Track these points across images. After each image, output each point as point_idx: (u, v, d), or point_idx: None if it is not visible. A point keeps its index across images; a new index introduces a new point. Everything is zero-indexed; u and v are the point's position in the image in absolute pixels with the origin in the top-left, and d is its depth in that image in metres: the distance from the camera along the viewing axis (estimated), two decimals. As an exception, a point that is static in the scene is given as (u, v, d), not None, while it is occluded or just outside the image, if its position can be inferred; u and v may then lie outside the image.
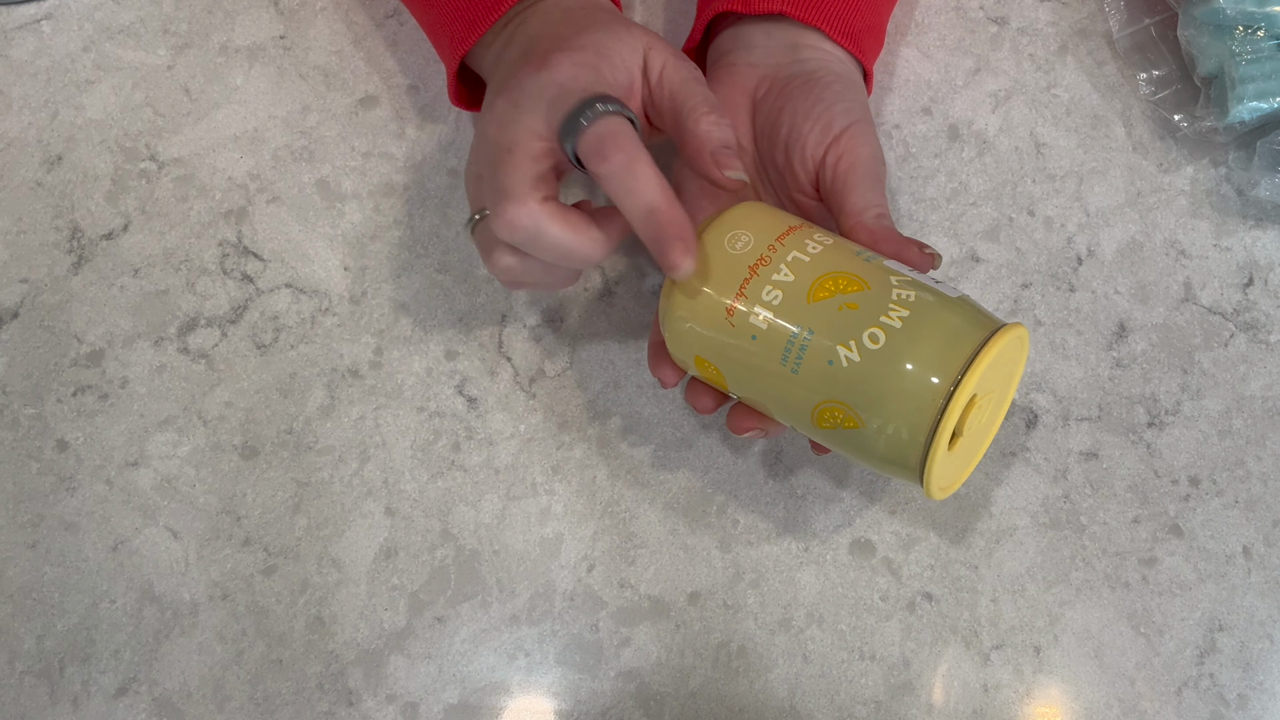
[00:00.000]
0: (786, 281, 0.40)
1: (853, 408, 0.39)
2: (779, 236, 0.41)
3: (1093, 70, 0.59)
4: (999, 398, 0.43)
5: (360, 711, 0.49)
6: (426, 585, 0.50)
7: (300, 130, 0.56)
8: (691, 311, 0.42)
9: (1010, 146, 0.57)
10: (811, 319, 0.39)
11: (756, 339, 0.40)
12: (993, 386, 0.41)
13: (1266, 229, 0.56)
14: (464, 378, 0.53)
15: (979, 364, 0.37)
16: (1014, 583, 0.51)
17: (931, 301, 0.39)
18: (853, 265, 0.40)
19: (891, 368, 0.38)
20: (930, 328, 0.38)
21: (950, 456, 0.41)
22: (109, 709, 0.49)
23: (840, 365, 0.38)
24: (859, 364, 0.38)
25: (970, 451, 0.44)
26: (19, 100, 0.56)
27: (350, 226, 0.55)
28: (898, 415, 0.38)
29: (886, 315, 0.38)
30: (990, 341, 0.38)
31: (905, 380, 0.38)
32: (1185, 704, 0.49)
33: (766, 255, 0.41)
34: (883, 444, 0.39)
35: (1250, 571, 0.51)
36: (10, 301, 0.54)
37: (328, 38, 0.58)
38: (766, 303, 0.40)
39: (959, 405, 0.37)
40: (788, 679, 0.49)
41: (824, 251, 0.41)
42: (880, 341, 0.38)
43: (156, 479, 0.51)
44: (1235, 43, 0.54)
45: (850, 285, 0.39)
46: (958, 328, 0.38)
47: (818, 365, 0.39)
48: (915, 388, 0.38)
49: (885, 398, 0.38)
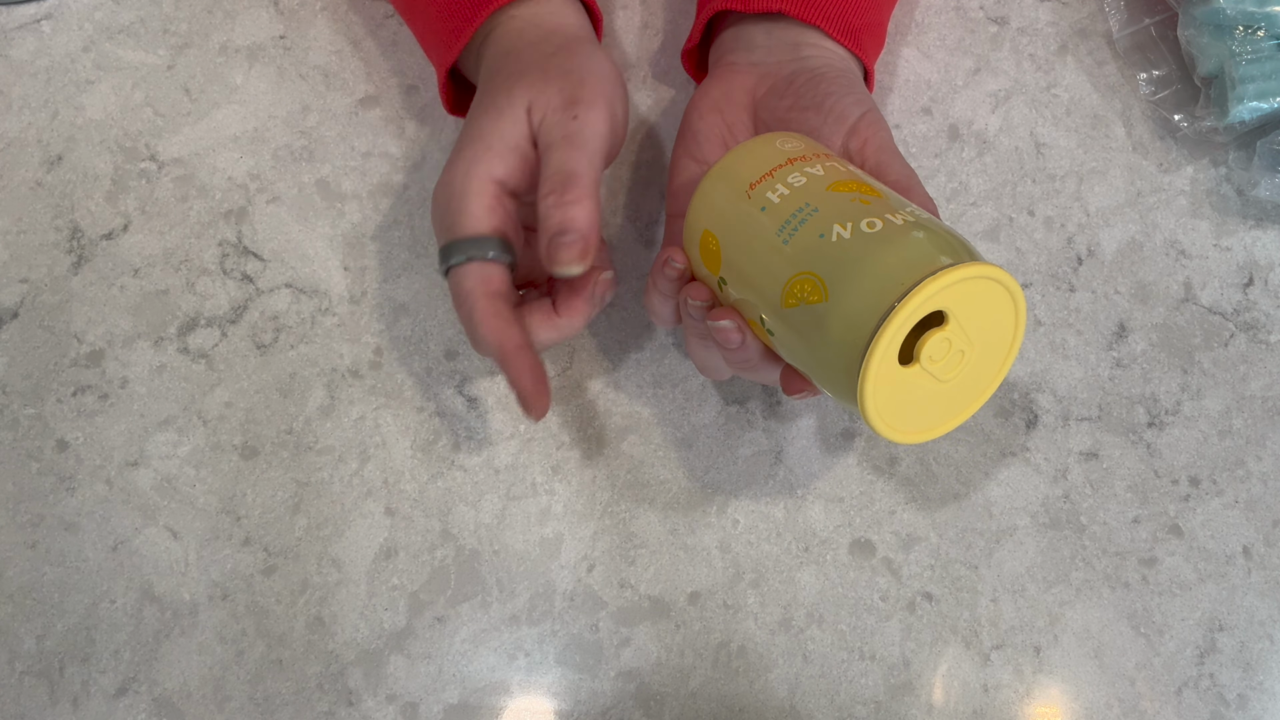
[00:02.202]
0: (814, 174, 0.42)
1: (823, 279, 0.39)
2: (823, 154, 0.44)
3: (1093, 70, 0.59)
4: (988, 351, 0.42)
5: (360, 711, 0.49)
6: (426, 585, 0.50)
7: (300, 130, 0.56)
8: (720, 183, 0.43)
9: (1010, 146, 0.57)
10: (822, 200, 0.41)
11: (766, 210, 0.41)
12: (975, 325, 0.40)
13: (1266, 229, 0.56)
14: (464, 378, 0.53)
15: (952, 273, 0.37)
16: (1014, 583, 0.51)
17: (939, 225, 0.40)
18: (874, 184, 0.42)
19: (875, 250, 0.38)
20: (925, 233, 0.39)
21: (909, 389, 0.40)
22: (109, 709, 0.49)
23: (830, 240, 0.39)
24: (848, 241, 0.39)
25: (950, 401, 0.42)
26: (19, 100, 0.56)
27: (350, 226, 0.55)
28: (860, 293, 0.38)
29: (891, 214, 0.39)
30: (974, 265, 0.38)
31: (881, 264, 0.38)
32: (1185, 704, 0.49)
33: (807, 156, 0.43)
34: (837, 323, 0.39)
35: (1250, 571, 0.51)
36: (10, 301, 0.54)
37: (328, 38, 0.58)
38: (789, 183, 0.42)
39: (914, 304, 0.37)
40: (788, 679, 0.49)
41: (850, 169, 0.43)
42: (876, 228, 0.39)
43: (156, 479, 0.51)
44: (1235, 43, 0.54)
45: (868, 192, 0.41)
46: (950, 244, 0.39)
47: (809, 238, 0.40)
48: (886, 272, 0.38)
49: (857, 274, 0.38)
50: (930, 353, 0.39)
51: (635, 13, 0.59)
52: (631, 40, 0.58)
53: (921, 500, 0.52)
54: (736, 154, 0.44)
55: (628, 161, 0.56)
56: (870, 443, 0.52)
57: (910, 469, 0.52)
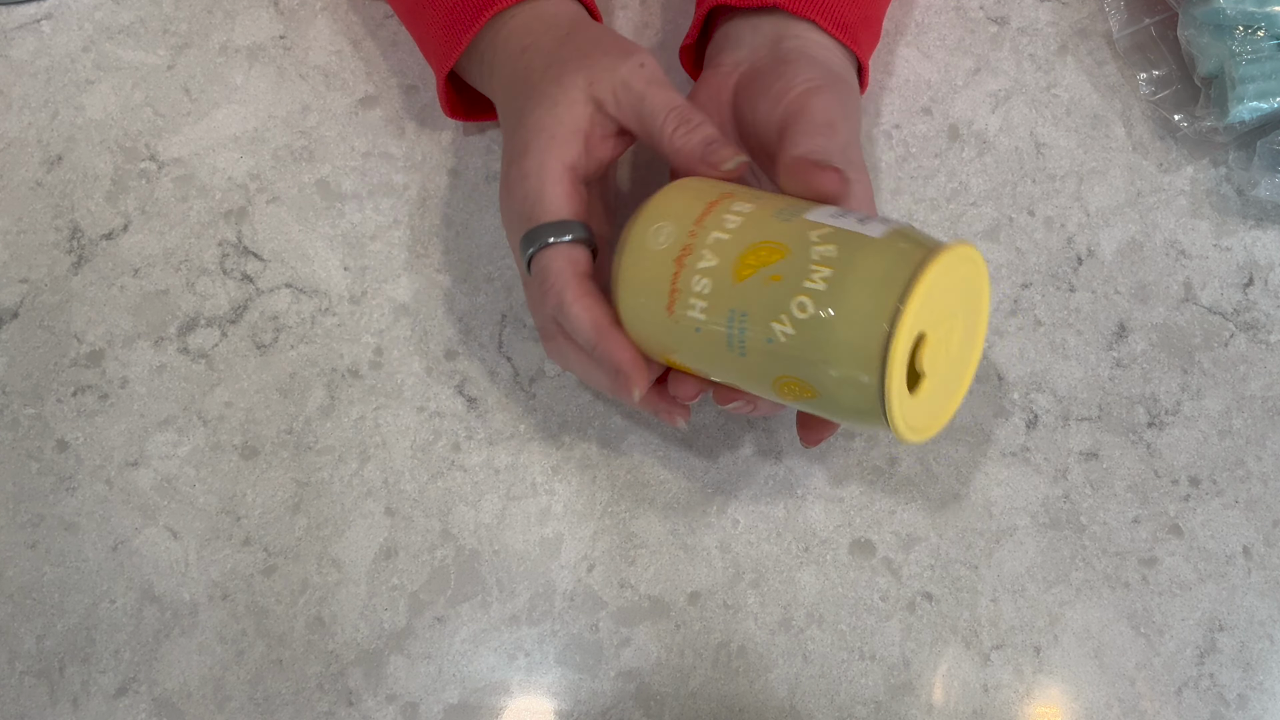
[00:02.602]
0: (711, 267, 0.40)
1: (803, 379, 0.38)
2: (698, 219, 0.41)
3: (1093, 70, 0.59)
4: (965, 325, 0.42)
5: (360, 711, 0.49)
6: (426, 585, 0.50)
7: (300, 130, 0.56)
8: (638, 318, 0.42)
9: (1010, 146, 0.57)
10: (742, 300, 0.39)
11: (700, 331, 0.40)
12: (947, 315, 0.40)
13: (1266, 229, 0.56)
14: (464, 378, 0.53)
15: (911, 301, 0.36)
16: (1014, 583, 0.51)
17: (853, 252, 0.38)
18: (772, 231, 0.40)
19: (824, 334, 0.37)
20: (854, 280, 0.37)
21: (922, 397, 0.40)
22: (109, 709, 0.49)
23: (779, 341, 0.38)
24: (795, 337, 0.38)
25: (949, 386, 0.42)
26: (19, 100, 0.56)
27: (350, 226, 0.55)
28: (845, 378, 0.37)
29: (809, 280, 0.38)
30: (919, 276, 0.37)
31: (840, 343, 0.37)
32: (1185, 704, 0.49)
33: (689, 244, 0.41)
34: (843, 406, 0.39)
35: (1250, 571, 0.51)
36: (10, 301, 0.54)
37: (328, 38, 0.58)
38: (699, 294, 0.40)
39: (900, 347, 0.36)
40: (788, 679, 0.49)
41: (743, 223, 0.40)
42: (808, 310, 0.37)
43: (156, 479, 0.51)
44: (1235, 43, 0.54)
45: (772, 255, 0.39)
46: (884, 271, 0.37)
47: (759, 345, 0.39)
48: (852, 344, 0.37)
49: (827, 363, 0.38)
50: (928, 363, 0.39)
51: (635, 12, 0.59)
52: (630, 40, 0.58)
53: (921, 500, 0.52)
54: (628, 270, 0.42)
55: (627, 162, 0.56)
56: (870, 443, 0.53)
57: (910, 469, 0.52)
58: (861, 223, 0.39)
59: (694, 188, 0.43)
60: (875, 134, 0.57)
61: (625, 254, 0.42)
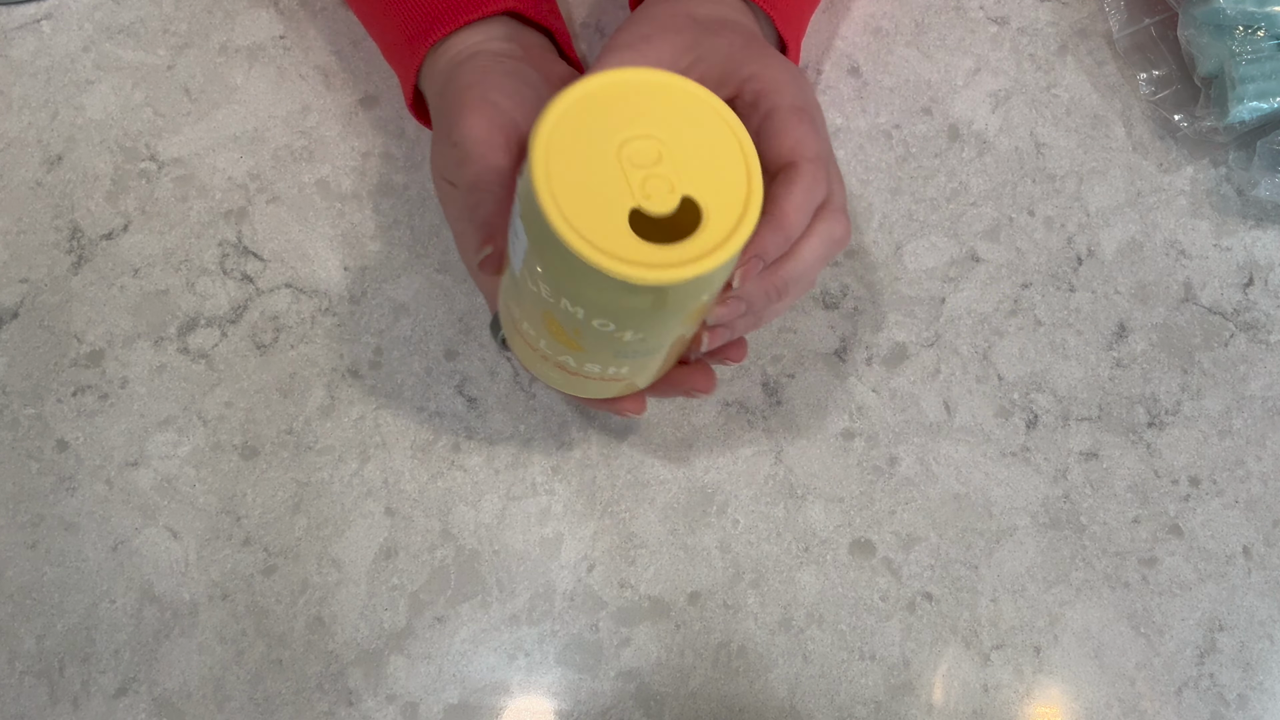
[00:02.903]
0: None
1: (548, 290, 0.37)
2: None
3: (1093, 70, 0.59)
4: (705, 183, 0.35)
5: (360, 711, 0.49)
6: (426, 585, 0.50)
7: (300, 130, 0.56)
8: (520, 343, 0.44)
9: (1010, 146, 0.57)
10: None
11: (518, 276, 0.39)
12: (681, 153, 0.35)
13: (1266, 229, 0.56)
14: (464, 378, 0.53)
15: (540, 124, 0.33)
16: (1014, 583, 0.51)
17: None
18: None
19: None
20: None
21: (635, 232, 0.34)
22: (109, 709, 0.49)
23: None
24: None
25: (718, 222, 0.35)
26: (19, 100, 0.56)
27: (350, 226, 0.55)
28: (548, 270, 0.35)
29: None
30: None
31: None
32: (1185, 704, 0.49)
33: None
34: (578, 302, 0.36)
35: (1250, 571, 0.51)
36: (10, 301, 0.54)
37: (328, 38, 0.58)
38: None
39: (538, 169, 0.33)
40: (788, 679, 0.49)
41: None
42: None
43: (156, 479, 0.51)
44: (1235, 43, 0.54)
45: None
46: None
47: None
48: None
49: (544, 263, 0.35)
50: (632, 158, 0.35)
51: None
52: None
53: (921, 500, 0.52)
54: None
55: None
56: (870, 443, 0.53)
57: (910, 469, 0.52)
58: None
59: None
60: (875, 134, 0.57)
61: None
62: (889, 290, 0.55)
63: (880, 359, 0.54)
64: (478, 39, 0.48)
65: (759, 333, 0.54)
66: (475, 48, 0.48)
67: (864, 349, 0.54)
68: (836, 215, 0.43)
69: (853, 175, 0.56)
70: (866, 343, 0.54)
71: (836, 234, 0.43)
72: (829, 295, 0.55)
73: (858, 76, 0.58)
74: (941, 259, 0.55)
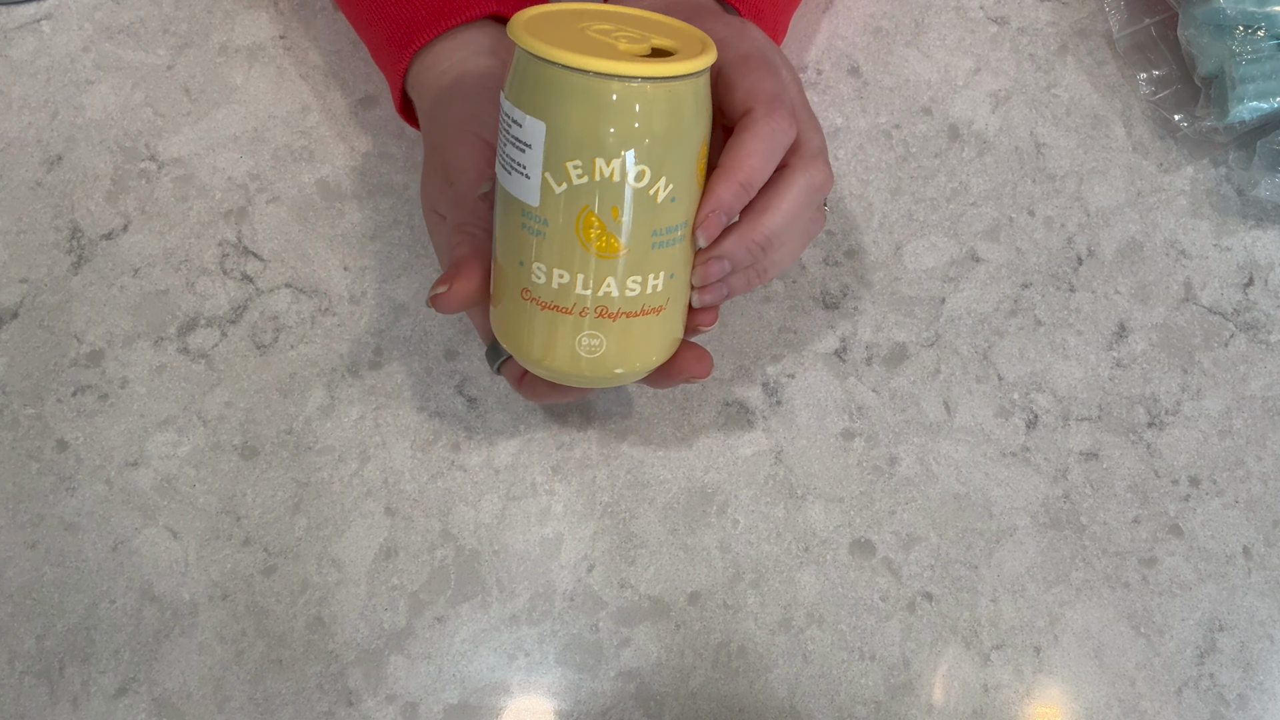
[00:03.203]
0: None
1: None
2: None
3: (1093, 70, 0.59)
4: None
5: (360, 711, 0.49)
6: (426, 585, 0.50)
7: (300, 130, 0.56)
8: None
9: (1010, 146, 0.57)
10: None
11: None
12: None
13: (1266, 229, 0.56)
14: (464, 378, 0.53)
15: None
16: (1014, 583, 0.51)
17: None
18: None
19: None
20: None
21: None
22: (109, 709, 0.49)
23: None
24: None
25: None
26: (19, 100, 0.56)
27: (350, 226, 0.55)
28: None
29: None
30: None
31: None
32: (1185, 704, 0.49)
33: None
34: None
35: (1250, 571, 0.51)
36: (10, 301, 0.54)
37: (328, 38, 0.58)
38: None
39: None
40: (788, 679, 0.49)
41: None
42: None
43: (156, 479, 0.51)
44: (1235, 43, 0.54)
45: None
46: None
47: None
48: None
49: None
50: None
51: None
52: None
53: (921, 500, 0.52)
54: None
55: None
56: (870, 443, 0.53)
57: (910, 469, 0.52)
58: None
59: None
60: (875, 134, 0.57)
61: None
62: (889, 290, 0.55)
63: (880, 359, 0.54)
64: (462, 54, 0.48)
65: (759, 333, 0.54)
66: (460, 65, 0.48)
67: (864, 349, 0.54)
68: (814, 161, 0.42)
69: (853, 175, 0.56)
70: (866, 343, 0.54)
71: (816, 180, 0.42)
72: (829, 295, 0.55)
73: (858, 76, 0.58)
74: (941, 259, 0.55)
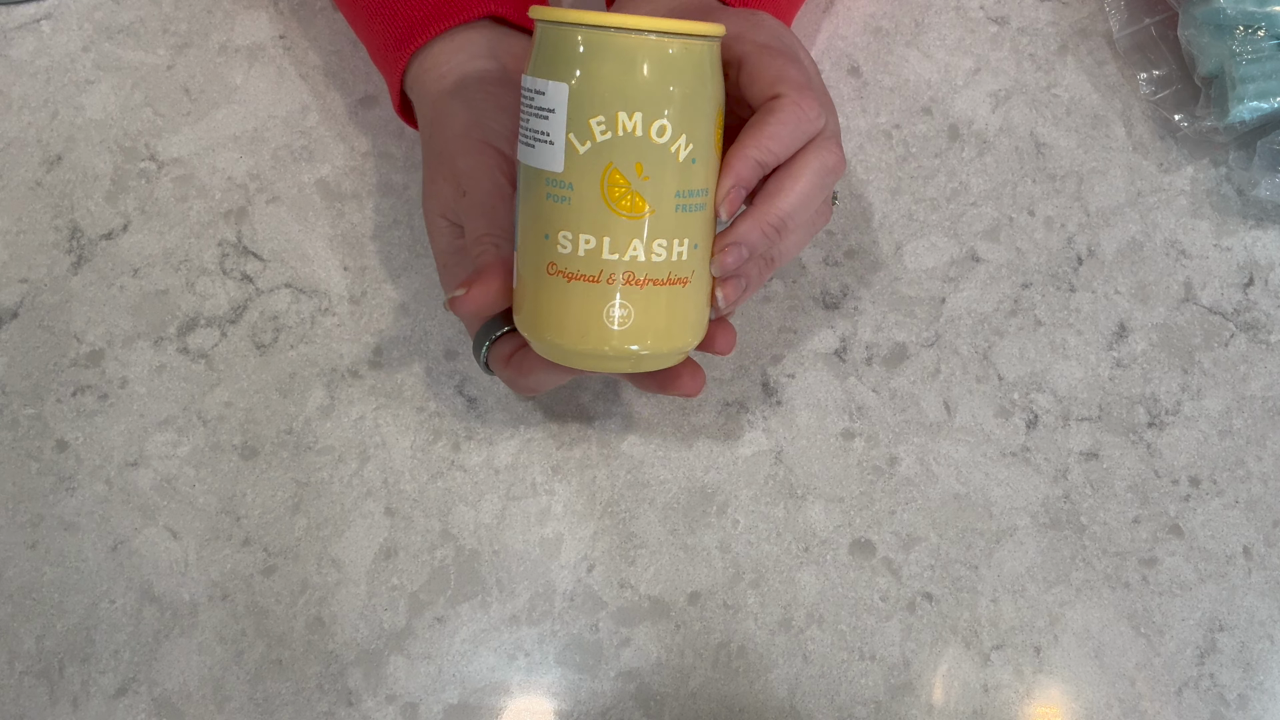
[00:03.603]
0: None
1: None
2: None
3: (1093, 70, 0.59)
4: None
5: (360, 711, 0.49)
6: (426, 585, 0.50)
7: (300, 130, 0.56)
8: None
9: (1010, 146, 0.57)
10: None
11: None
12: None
13: (1267, 229, 0.56)
14: (464, 378, 0.53)
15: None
16: (1014, 583, 0.51)
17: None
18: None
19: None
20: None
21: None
22: (109, 709, 0.49)
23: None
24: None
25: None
26: (19, 100, 0.56)
27: (350, 226, 0.55)
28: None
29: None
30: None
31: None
32: (1185, 704, 0.49)
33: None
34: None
35: (1250, 571, 0.51)
36: (10, 301, 0.54)
37: (328, 38, 0.58)
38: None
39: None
40: (788, 679, 0.49)
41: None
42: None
43: (156, 479, 0.51)
44: (1235, 42, 0.54)
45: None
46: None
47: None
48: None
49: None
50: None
51: (635, 13, 0.59)
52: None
53: (921, 500, 0.52)
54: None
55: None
56: (870, 443, 0.53)
57: (910, 469, 0.52)
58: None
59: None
60: (875, 134, 0.57)
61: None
62: (889, 290, 0.55)
63: (880, 359, 0.54)
64: (460, 56, 0.48)
65: (759, 333, 0.54)
66: (460, 68, 0.48)
67: (864, 349, 0.54)
68: (828, 144, 0.42)
69: (853, 175, 0.56)
70: (866, 343, 0.54)
71: (830, 162, 0.42)
72: (829, 295, 0.55)
73: (858, 76, 0.58)
74: (941, 259, 0.55)
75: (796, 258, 0.55)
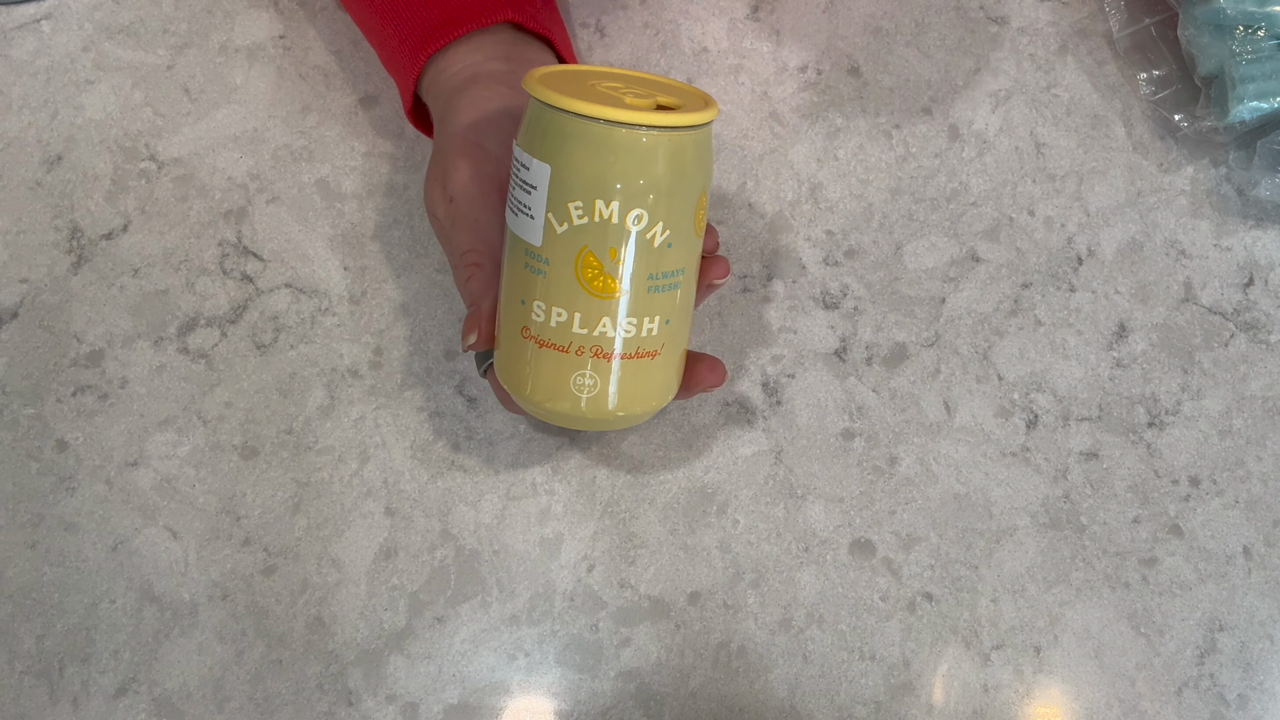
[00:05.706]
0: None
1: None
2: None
3: (1093, 70, 0.59)
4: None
5: (360, 711, 0.49)
6: (426, 585, 0.50)
7: (300, 130, 0.56)
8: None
9: (1010, 146, 0.57)
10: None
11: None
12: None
13: (1266, 229, 0.56)
14: (464, 378, 0.53)
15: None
16: (1014, 583, 0.51)
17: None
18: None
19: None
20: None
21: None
22: (109, 709, 0.49)
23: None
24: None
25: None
26: (19, 100, 0.56)
27: (350, 226, 0.55)
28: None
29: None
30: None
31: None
32: (1185, 704, 0.49)
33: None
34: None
35: (1250, 571, 0.51)
36: (10, 301, 0.54)
37: (328, 38, 0.58)
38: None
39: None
40: (788, 679, 0.49)
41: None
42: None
43: (156, 479, 0.51)
44: (1235, 42, 0.54)
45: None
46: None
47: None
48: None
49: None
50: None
51: (636, 13, 0.59)
52: (630, 39, 0.58)
53: (921, 500, 0.52)
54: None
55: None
56: (870, 443, 0.53)
57: (910, 469, 0.52)
58: None
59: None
60: (875, 134, 0.57)
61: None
62: (889, 290, 0.55)
63: (880, 359, 0.54)
64: (476, 57, 0.48)
65: (759, 333, 0.54)
66: (473, 68, 0.48)
67: (864, 349, 0.54)
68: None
69: (853, 175, 0.56)
70: (866, 343, 0.54)
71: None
72: (829, 295, 0.55)
73: (858, 76, 0.58)
74: (941, 259, 0.55)
75: (796, 257, 0.55)
